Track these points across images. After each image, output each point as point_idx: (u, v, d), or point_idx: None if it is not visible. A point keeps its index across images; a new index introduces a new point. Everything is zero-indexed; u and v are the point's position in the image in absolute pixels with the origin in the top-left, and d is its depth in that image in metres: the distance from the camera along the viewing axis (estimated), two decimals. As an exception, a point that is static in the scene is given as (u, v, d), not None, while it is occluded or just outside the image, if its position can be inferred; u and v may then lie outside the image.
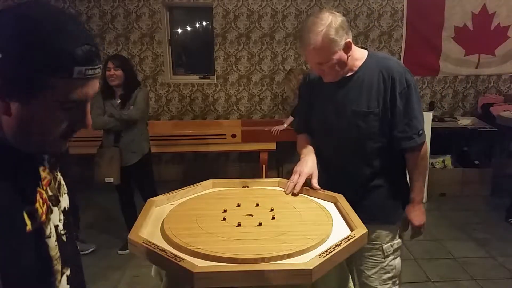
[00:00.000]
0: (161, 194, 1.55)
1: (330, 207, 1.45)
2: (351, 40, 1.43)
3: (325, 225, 1.29)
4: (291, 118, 4.02)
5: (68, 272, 0.79)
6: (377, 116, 1.48)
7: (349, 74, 1.51)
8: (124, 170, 2.89)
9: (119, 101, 2.91)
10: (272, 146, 4.16)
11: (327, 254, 1.08)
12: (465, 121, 4.46)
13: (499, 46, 4.69)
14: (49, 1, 4.38)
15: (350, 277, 1.40)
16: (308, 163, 1.58)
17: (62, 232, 0.80)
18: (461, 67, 4.78)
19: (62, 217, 0.82)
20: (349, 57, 1.46)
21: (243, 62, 4.66)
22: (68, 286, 0.79)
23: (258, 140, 4.12)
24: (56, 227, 0.79)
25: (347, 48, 1.42)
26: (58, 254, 0.77)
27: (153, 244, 1.12)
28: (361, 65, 1.51)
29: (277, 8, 4.54)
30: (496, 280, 2.74)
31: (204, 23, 4.94)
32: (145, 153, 3.01)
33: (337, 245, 1.13)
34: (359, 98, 1.49)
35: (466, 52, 4.71)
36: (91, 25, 4.49)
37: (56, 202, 0.81)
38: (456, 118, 4.69)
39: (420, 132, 1.50)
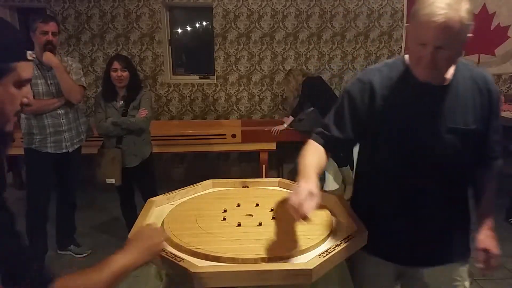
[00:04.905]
0: (161, 194, 1.55)
1: (330, 207, 1.45)
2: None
3: (325, 225, 1.29)
4: (291, 118, 4.02)
5: None
6: (472, 134, 1.23)
7: (445, 83, 1.22)
8: (125, 171, 2.88)
9: (122, 102, 2.89)
10: (272, 146, 4.16)
11: (327, 254, 1.08)
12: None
13: (499, 46, 4.69)
14: (50, 1, 4.39)
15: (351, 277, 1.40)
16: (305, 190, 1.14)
17: None
18: (461, 67, 4.78)
19: None
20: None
21: (243, 62, 4.66)
22: None
23: (258, 140, 4.12)
24: None
25: (465, 44, 1.16)
26: None
27: (153, 244, 1.12)
28: (454, 73, 1.24)
29: (277, 8, 4.54)
30: (496, 280, 2.74)
31: (204, 23, 4.94)
32: (146, 157, 2.99)
33: (337, 245, 1.13)
34: (455, 113, 1.22)
35: (466, 52, 4.71)
36: (91, 25, 4.49)
37: None
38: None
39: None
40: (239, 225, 1.28)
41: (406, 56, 1.26)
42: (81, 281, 0.89)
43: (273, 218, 1.34)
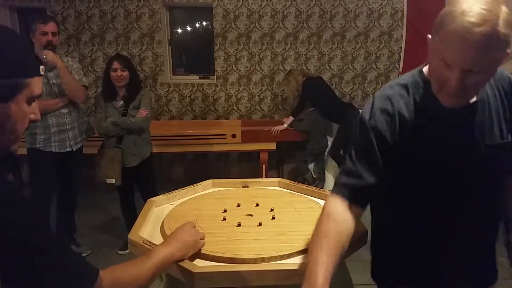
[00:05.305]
0: (161, 194, 1.55)
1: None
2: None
3: (325, 225, 1.29)
4: (291, 118, 4.03)
5: None
6: (510, 145, 1.09)
7: (474, 100, 1.05)
8: (125, 171, 2.88)
9: (122, 102, 2.89)
10: (272, 146, 4.16)
11: (327, 254, 1.07)
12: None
13: (499, 46, 4.69)
14: (50, 1, 4.39)
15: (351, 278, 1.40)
16: None
17: None
18: (461, 67, 4.77)
19: None
20: None
21: (243, 62, 4.66)
22: None
23: (258, 140, 4.12)
24: None
25: (501, 62, 0.93)
26: None
27: (153, 244, 1.13)
28: None
29: (277, 8, 4.54)
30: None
31: (204, 23, 4.94)
32: (146, 157, 2.99)
33: (337, 245, 1.13)
34: (490, 128, 1.07)
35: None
36: (91, 25, 4.49)
37: None
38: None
39: None
40: (239, 225, 1.28)
41: (425, 69, 1.08)
42: (130, 270, 0.93)
43: (273, 218, 1.34)
